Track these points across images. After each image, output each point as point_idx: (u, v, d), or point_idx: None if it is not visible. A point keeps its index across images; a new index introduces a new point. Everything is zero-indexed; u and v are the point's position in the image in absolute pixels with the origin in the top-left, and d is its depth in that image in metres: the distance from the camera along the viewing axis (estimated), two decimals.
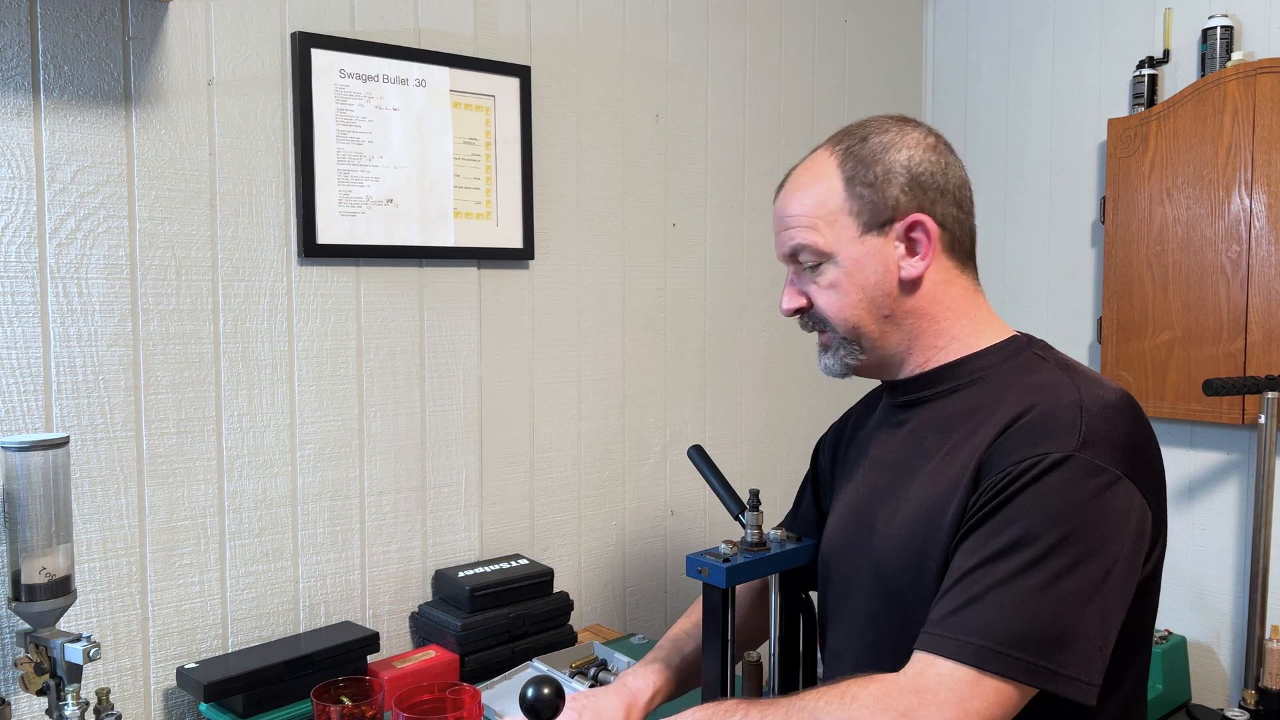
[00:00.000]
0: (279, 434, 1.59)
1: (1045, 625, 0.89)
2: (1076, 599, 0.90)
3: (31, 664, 1.24)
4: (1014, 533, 0.92)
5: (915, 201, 1.07)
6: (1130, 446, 0.97)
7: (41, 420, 1.38)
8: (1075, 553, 0.90)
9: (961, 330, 1.10)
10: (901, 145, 1.08)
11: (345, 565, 1.68)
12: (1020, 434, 0.97)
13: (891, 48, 2.61)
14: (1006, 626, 0.89)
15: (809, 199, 1.10)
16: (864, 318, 1.09)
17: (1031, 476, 0.93)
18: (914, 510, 1.05)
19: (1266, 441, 1.95)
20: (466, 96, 1.76)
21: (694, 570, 1.20)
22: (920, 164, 1.07)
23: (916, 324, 1.10)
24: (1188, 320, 2.12)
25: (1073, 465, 0.92)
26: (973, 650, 0.89)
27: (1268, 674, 1.93)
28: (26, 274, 1.36)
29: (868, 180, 1.07)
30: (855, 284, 1.08)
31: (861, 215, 1.07)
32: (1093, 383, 1.02)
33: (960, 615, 0.91)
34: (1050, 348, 1.11)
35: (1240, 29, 2.10)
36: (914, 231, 1.07)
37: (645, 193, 2.07)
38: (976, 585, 0.92)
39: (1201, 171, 2.09)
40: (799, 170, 1.15)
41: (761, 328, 2.31)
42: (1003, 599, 0.90)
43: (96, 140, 1.41)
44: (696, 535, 2.20)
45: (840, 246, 1.08)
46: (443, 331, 1.77)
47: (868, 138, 1.09)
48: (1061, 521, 0.91)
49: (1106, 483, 0.93)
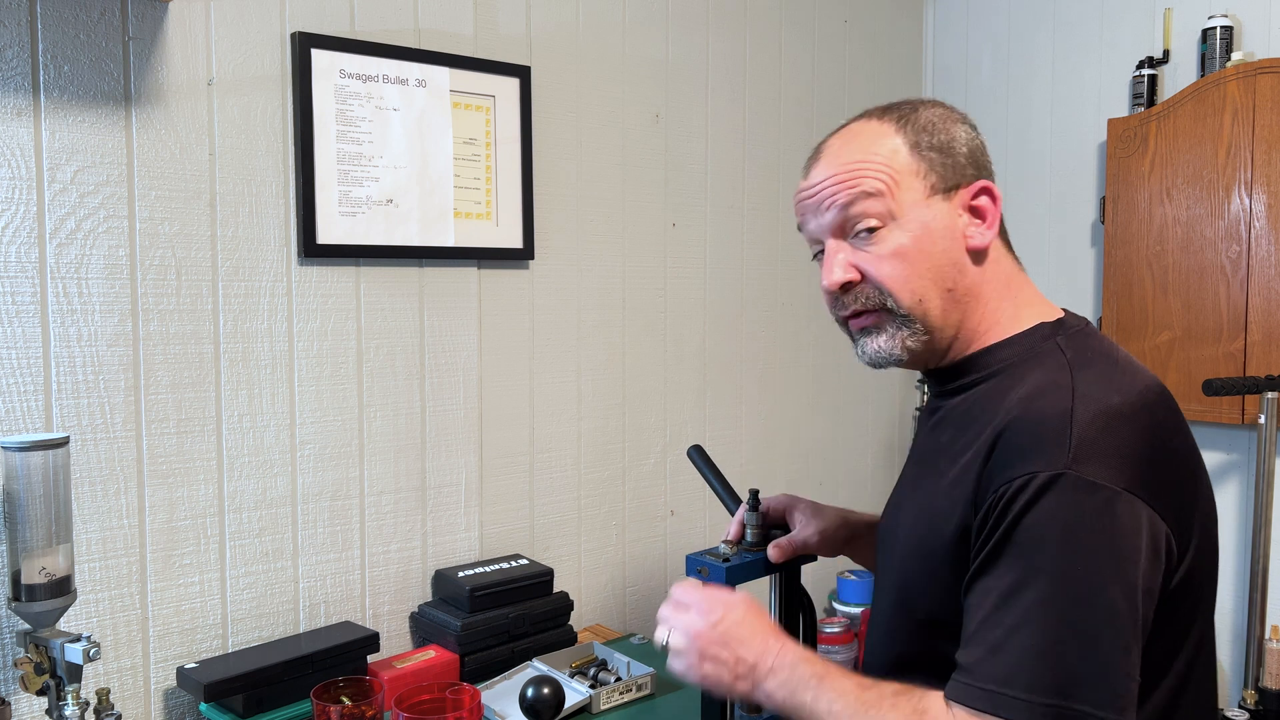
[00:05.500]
0: (279, 434, 1.59)
1: (1066, 665, 0.84)
2: (1093, 632, 0.84)
3: (31, 664, 1.24)
4: (1020, 569, 0.87)
5: (976, 172, 1.03)
6: (1136, 456, 0.88)
7: (41, 420, 1.38)
8: (1083, 582, 0.85)
9: (1002, 314, 1.04)
10: (951, 121, 1.05)
11: (345, 565, 1.68)
12: (1010, 447, 0.91)
13: (891, 48, 2.61)
14: (1028, 671, 0.85)
15: (869, 156, 1.02)
16: (930, 290, 1.01)
17: (1025, 502, 0.87)
18: (923, 511, 1.02)
19: (1266, 441, 1.95)
20: (466, 96, 1.76)
21: (694, 570, 1.20)
22: (971, 140, 1.05)
23: (970, 304, 1.03)
24: (1187, 320, 2.12)
25: (1063, 485, 0.86)
26: (995, 699, 0.86)
27: (1267, 674, 1.93)
28: (26, 274, 1.36)
29: (934, 145, 1.02)
30: (923, 251, 1.00)
31: (929, 178, 1.01)
32: (1101, 383, 0.93)
33: (985, 663, 0.87)
34: (1080, 334, 1.02)
35: (1240, 29, 2.10)
36: (979, 198, 1.02)
37: (645, 193, 2.07)
38: (996, 629, 0.87)
39: (1201, 171, 2.09)
40: (841, 140, 1.07)
41: (761, 328, 2.31)
42: (1022, 643, 0.85)
43: (96, 140, 1.41)
44: (696, 535, 2.20)
45: (905, 209, 1.00)
46: (443, 331, 1.77)
47: (919, 109, 1.05)
48: (1063, 551, 0.85)
49: (1103, 500, 0.86)
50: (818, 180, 1.05)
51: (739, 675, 1.01)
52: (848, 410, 2.54)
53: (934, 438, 1.06)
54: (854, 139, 1.05)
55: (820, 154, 1.07)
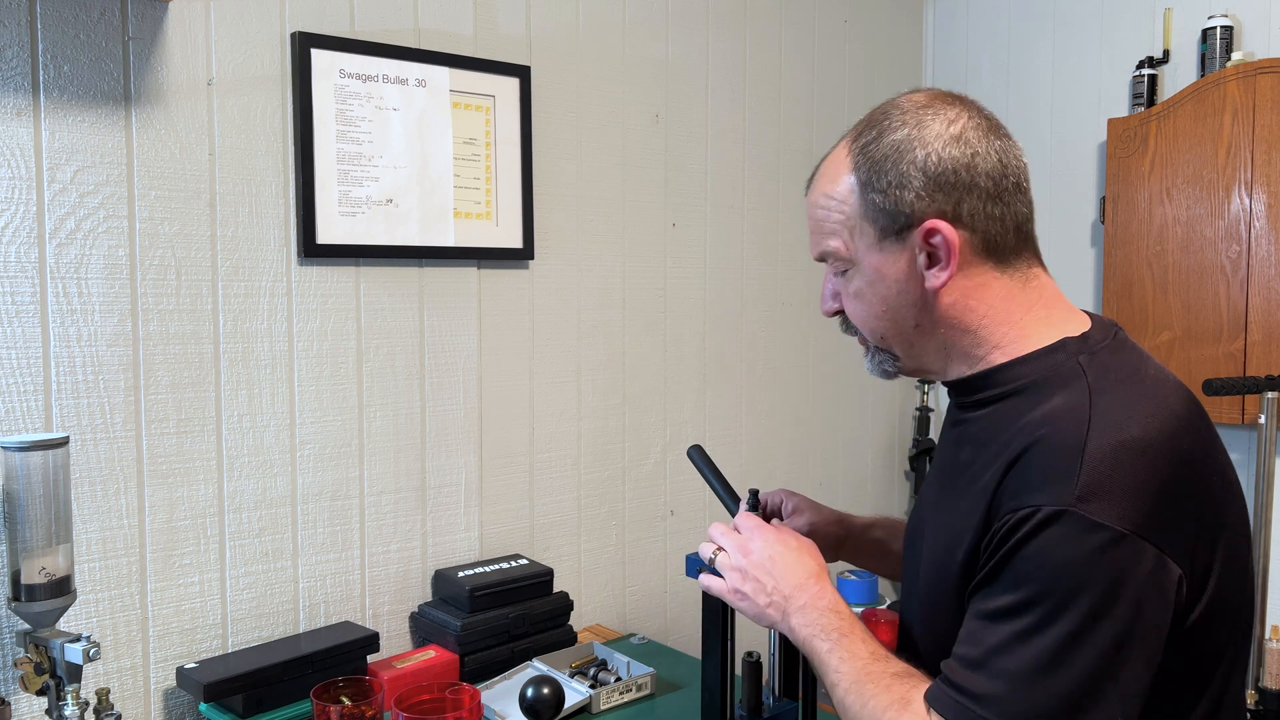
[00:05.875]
0: (279, 434, 1.59)
1: (1036, 699, 0.84)
2: (1085, 673, 0.83)
3: (31, 664, 1.24)
4: (1011, 596, 0.87)
5: (934, 205, 0.96)
6: (1148, 494, 0.85)
7: (41, 420, 1.38)
8: (1078, 621, 0.83)
9: (1003, 338, 1.00)
10: (918, 143, 0.97)
11: (345, 565, 1.68)
12: (1021, 475, 0.89)
13: (891, 48, 2.61)
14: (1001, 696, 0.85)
15: (828, 202, 1.03)
16: (889, 329, 1.02)
17: (1026, 532, 0.86)
18: (943, 532, 1.01)
19: (1266, 441, 1.95)
20: (466, 96, 1.76)
21: (694, 570, 1.20)
22: (940, 162, 0.96)
23: (949, 334, 1.01)
24: (1188, 320, 2.12)
25: (1067, 523, 0.84)
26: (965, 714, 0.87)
27: (1267, 674, 1.93)
28: (26, 274, 1.36)
29: (879, 186, 0.98)
30: (877, 294, 1.01)
31: (877, 222, 0.99)
32: (1120, 412, 0.89)
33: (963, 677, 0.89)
34: (1106, 351, 0.97)
35: (1240, 29, 2.10)
36: (932, 239, 0.97)
37: (645, 193, 2.07)
38: (979, 647, 0.88)
39: (1201, 171, 2.09)
40: (824, 165, 1.06)
41: (761, 328, 2.31)
42: (1002, 666, 0.86)
43: (96, 140, 1.41)
44: (696, 535, 2.20)
45: (860, 254, 1.01)
46: (443, 331, 1.77)
47: (883, 135, 0.99)
48: (1055, 587, 0.84)
49: (1106, 542, 0.83)
50: (808, 212, 1.07)
51: (771, 602, 1.04)
52: (847, 410, 2.54)
53: (955, 453, 1.05)
54: (827, 169, 1.05)
55: (811, 182, 1.08)
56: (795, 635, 1.03)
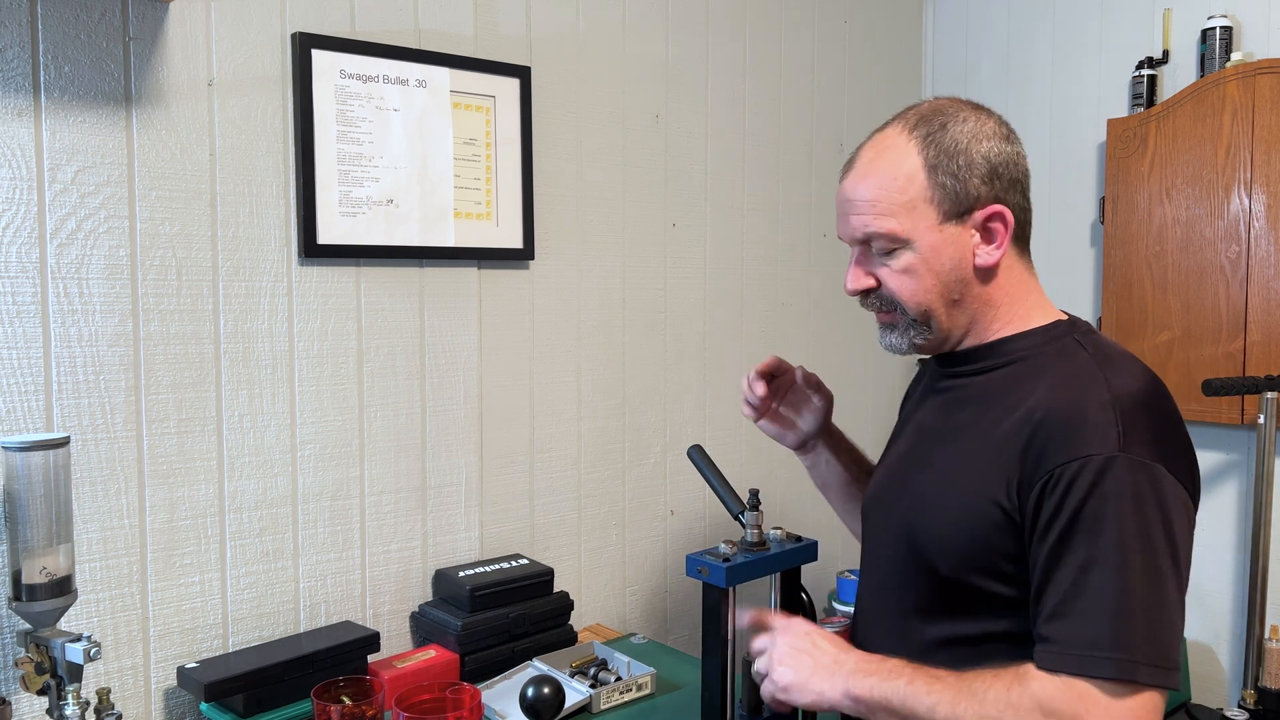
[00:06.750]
0: (279, 434, 1.59)
1: (1136, 628, 0.93)
2: (1168, 597, 0.95)
3: (32, 664, 1.24)
4: (1090, 546, 0.95)
5: (993, 192, 1.08)
6: (1166, 436, 1.00)
7: (42, 420, 1.38)
8: (1156, 552, 0.95)
9: (1014, 314, 1.13)
10: (982, 135, 1.09)
11: (345, 565, 1.68)
12: (1061, 432, 0.99)
13: (891, 48, 2.62)
14: (1108, 636, 0.93)
15: (888, 184, 1.09)
16: (935, 302, 1.11)
17: (1088, 483, 0.96)
18: (952, 483, 1.09)
19: (1265, 441, 1.95)
20: (466, 97, 1.77)
21: (694, 570, 1.20)
22: (999, 155, 1.09)
23: (980, 308, 1.12)
24: (1187, 320, 2.12)
25: (1121, 465, 0.96)
26: (1083, 661, 0.94)
27: (1267, 674, 1.93)
28: (27, 274, 1.36)
29: (951, 170, 1.07)
30: (931, 270, 1.09)
31: (943, 204, 1.08)
32: (1123, 374, 1.03)
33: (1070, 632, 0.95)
34: (1092, 332, 1.12)
35: (1240, 29, 2.10)
36: (992, 221, 1.09)
37: (645, 193, 2.07)
38: (1078, 601, 0.96)
39: (1201, 171, 2.09)
40: (871, 152, 1.13)
41: (761, 327, 2.31)
42: (1103, 609, 0.94)
43: (97, 141, 1.41)
44: (696, 535, 2.20)
45: (918, 233, 1.09)
46: (443, 331, 1.78)
47: (947, 125, 1.09)
48: (1127, 526, 0.94)
49: (1156, 477, 0.96)
50: (847, 197, 1.13)
51: (821, 665, 1.09)
52: (847, 411, 2.53)
53: (947, 415, 1.16)
54: (880, 157, 1.11)
55: (852, 164, 1.14)
56: (859, 685, 1.05)
